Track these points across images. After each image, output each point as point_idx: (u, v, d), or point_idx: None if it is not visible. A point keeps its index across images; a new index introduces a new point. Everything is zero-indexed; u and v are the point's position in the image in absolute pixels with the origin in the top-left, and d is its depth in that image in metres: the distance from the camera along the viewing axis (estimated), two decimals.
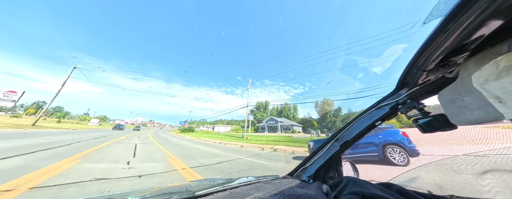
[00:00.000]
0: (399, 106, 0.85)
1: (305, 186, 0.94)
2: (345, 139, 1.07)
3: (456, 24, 0.44)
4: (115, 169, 4.25)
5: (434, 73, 0.67)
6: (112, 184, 3.20)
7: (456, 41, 0.50)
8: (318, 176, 1.14)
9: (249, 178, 1.22)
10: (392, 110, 0.88)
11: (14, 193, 2.51)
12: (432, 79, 0.71)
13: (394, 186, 0.75)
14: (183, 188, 1.03)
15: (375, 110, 0.97)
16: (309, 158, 1.23)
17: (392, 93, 0.90)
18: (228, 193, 0.80)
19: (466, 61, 0.58)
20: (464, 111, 0.58)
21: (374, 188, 0.72)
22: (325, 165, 1.14)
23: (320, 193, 0.84)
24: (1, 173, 3.27)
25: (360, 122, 1.03)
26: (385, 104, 0.92)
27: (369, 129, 1.01)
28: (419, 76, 0.70)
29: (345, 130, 1.09)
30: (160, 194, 0.87)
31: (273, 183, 0.96)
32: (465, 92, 0.58)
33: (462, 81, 0.59)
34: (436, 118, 0.70)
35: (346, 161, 1.22)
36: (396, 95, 0.87)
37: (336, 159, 1.15)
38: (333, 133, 1.17)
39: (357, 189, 0.71)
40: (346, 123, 1.12)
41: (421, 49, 0.58)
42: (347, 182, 0.78)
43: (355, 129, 1.05)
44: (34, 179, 3.12)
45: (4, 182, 2.85)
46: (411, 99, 0.79)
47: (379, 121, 0.95)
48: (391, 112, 0.90)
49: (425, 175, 0.93)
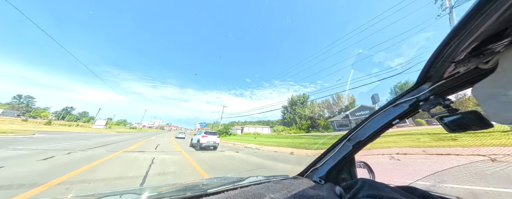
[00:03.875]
0: (420, 103, 0.76)
1: (316, 187, 0.91)
2: (358, 139, 1.00)
3: (495, 4, 0.36)
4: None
5: (465, 64, 0.57)
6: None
7: (495, 26, 0.41)
8: (330, 177, 1.09)
9: (259, 178, 1.22)
10: (412, 107, 0.79)
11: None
12: (462, 72, 0.61)
13: (417, 191, 0.68)
14: (196, 186, 1.09)
15: (392, 108, 0.88)
16: (320, 158, 1.17)
17: (411, 88, 0.80)
18: (238, 191, 0.80)
19: (508, 49, 0.49)
20: (508, 108, 0.49)
21: (393, 191, 0.66)
22: (337, 166, 1.08)
23: (332, 195, 0.80)
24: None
25: (375, 121, 0.95)
26: (403, 101, 0.83)
27: (385, 128, 0.93)
28: (445, 69, 0.61)
29: (358, 130, 1.02)
30: (175, 190, 0.92)
31: (283, 183, 0.94)
32: (508, 85, 0.48)
33: (504, 72, 0.50)
34: (466, 116, 0.60)
35: (360, 162, 1.15)
36: (416, 91, 0.77)
37: (348, 160, 1.08)
38: (346, 133, 1.10)
39: (373, 192, 0.66)
40: (359, 122, 1.04)
41: (448, 37, 0.50)
42: (362, 184, 0.74)
43: (369, 128, 0.97)
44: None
45: None
46: (435, 94, 0.70)
47: (397, 119, 0.87)
48: (411, 110, 0.81)
49: (454, 179, 0.83)
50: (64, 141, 10.16)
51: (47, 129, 23.47)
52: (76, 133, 18.67)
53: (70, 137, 13.50)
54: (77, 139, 11.84)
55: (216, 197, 0.75)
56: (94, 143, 10.43)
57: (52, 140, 10.57)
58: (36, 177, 3.59)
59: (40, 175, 3.75)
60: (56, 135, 14.22)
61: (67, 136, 13.80)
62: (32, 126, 25.35)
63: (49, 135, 13.71)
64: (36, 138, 10.81)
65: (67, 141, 10.30)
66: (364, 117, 11.57)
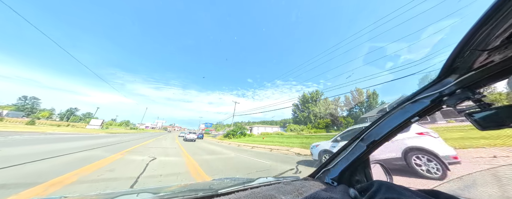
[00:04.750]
0: (444, 98, 0.70)
1: (329, 189, 0.88)
2: (373, 138, 0.93)
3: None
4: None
5: (501, 51, 0.51)
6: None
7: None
8: (343, 179, 1.04)
9: (269, 179, 1.20)
10: (435, 103, 0.73)
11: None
12: (496, 60, 0.54)
13: (442, 194, 0.62)
14: (206, 186, 1.10)
15: (410, 105, 0.82)
16: (331, 159, 1.11)
17: (433, 82, 0.74)
18: (249, 192, 0.80)
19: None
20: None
21: (415, 195, 0.60)
22: (350, 167, 1.02)
23: (346, 198, 0.77)
24: None
25: (391, 119, 0.89)
26: (423, 96, 0.76)
27: (402, 127, 0.87)
28: (475, 58, 0.55)
29: (372, 129, 0.96)
30: (187, 190, 0.94)
31: (294, 185, 0.92)
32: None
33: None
34: (502, 111, 0.54)
35: (375, 163, 1.08)
36: (440, 85, 0.71)
37: (362, 161, 1.02)
38: (359, 132, 1.04)
39: (392, 195, 0.60)
40: (373, 121, 0.98)
41: (479, 22, 0.44)
42: (379, 187, 0.68)
43: (384, 127, 0.91)
44: None
45: None
46: (462, 88, 0.63)
47: (416, 117, 0.80)
48: (433, 106, 0.74)
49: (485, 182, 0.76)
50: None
51: (26, 129, 18.18)
52: (43, 135, 13.19)
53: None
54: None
55: (226, 197, 0.75)
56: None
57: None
58: None
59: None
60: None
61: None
62: (2, 126, 18.67)
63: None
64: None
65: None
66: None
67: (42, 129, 21.81)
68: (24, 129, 19.43)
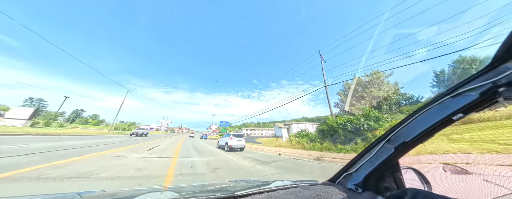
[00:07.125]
0: (500, 89, 0.58)
1: (353, 196, 0.81)
2: (402, 139, 0.81)
3: None
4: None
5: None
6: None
7: None
8: (368, 185, 0.92)
9: (285, 182, 1.18)
10: (486, 95, 0.62)
11: None
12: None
13: None
14: (223, 187, 1.13)
15: (451, 99, 0.70)
16: (353, 162, 1.00)
17: (483, 71, 0.62)
18: (265, 195, 0.79)
19: None
20: None
21: None
22: (376, 171, 0.90)
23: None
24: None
25: (425, 116, 0.76)
26: (469, 88, 0.64)
27: (441, 126, 0.74)
28: None
29: (401, 128, 0.83)
30: (204, 191, 0.95)
31: (313, 190, 0.89)
32: None
33: None
34: None
35: (407, 168, 0.96)
36: (493, 73, 0.59)
37: (391, 165, 0.90)
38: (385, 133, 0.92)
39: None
40: (402, 119, 0.87)
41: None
42: (413, 196, 0.60)
43: (416, 126, 0.77)
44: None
45: None
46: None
47: (460, 113, 0.68)
48: (484, 99, 0.63)
49: None
50: None
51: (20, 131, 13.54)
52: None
53: None
54: None
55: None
56: None
57: None
58: None
59: None
60: None
61: None
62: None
63: None
64: None
65: None
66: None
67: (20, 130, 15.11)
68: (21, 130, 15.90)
